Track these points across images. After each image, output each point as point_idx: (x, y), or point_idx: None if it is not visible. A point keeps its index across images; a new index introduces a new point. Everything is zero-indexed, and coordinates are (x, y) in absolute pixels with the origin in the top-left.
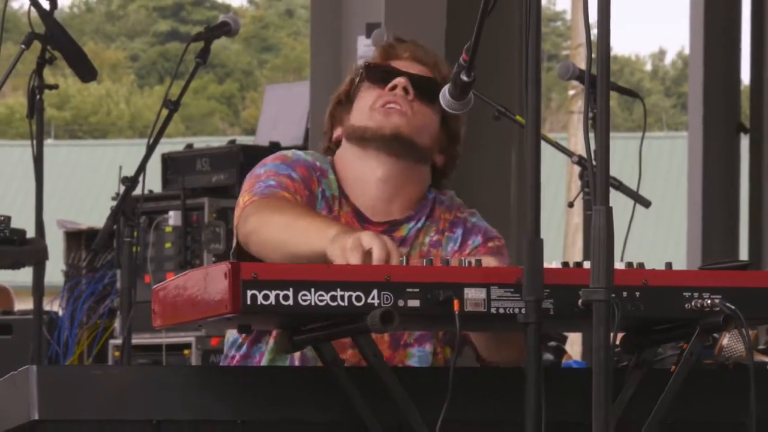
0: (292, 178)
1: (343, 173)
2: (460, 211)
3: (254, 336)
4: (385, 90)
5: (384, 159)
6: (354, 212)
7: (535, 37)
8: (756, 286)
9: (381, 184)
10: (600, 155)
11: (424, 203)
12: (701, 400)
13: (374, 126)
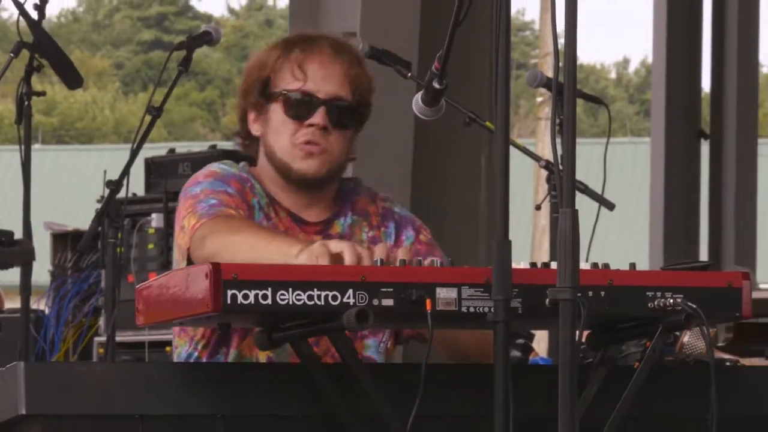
0: (229, 194)
1: (268, 185)
2: (383, 201)
3: (212, 347)
4: (304, 125)
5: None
6: (290, 216)
7: (504, 46)
8: (716, 286)
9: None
10: (566, 160)
11: (341, 196)
12: (663, 396)
13: (296, 168)
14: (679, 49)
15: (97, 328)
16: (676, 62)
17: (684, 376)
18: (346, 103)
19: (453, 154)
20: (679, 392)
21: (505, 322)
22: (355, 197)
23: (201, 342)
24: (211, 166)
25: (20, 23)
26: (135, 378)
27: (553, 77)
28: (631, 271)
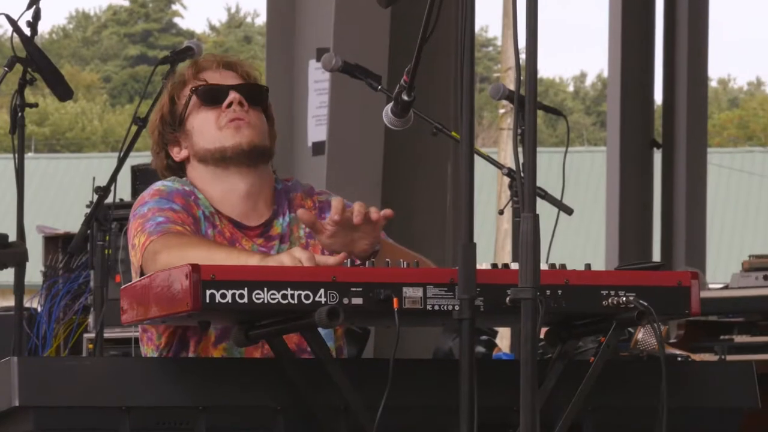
0: (175, 210)
1: (208, 192)
2: (318, 195)
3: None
4: (223, 108)
5: (244, 172)
6: (231, 222)
7: (468, 60)
8: (667, 285)
9: (245, 196)
10: (527, 167)
11: (277, 195)
12: (618, 389)
13: (231, 144)
14: (632, 64)
15: (86, 325)
16: (630, 76)
17: (637, 370)
18: (247, 84)
19: (421, 162)
20: (633, 385)
21: (470, 320)
22: (291, 194)
23: (164, 349)
24: (156, 185)
25: (14, 39)
26: (122, 372)
27: (514, 90)
28: (586, 271)
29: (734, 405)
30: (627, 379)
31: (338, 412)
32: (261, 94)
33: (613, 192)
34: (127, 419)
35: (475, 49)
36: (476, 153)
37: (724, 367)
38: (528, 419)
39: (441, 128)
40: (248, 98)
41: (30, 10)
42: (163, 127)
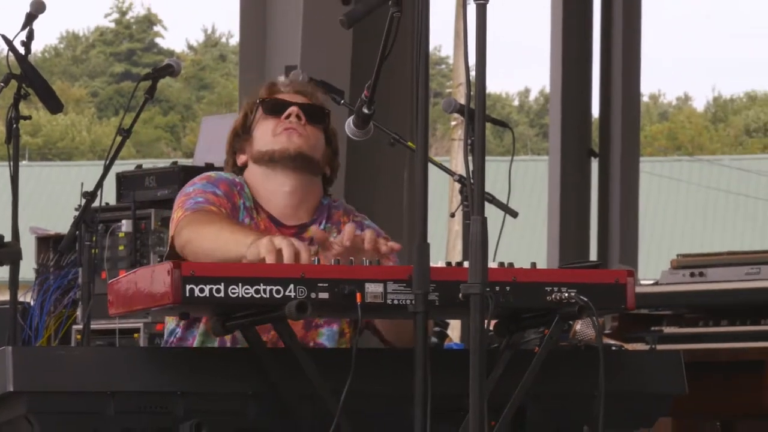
0: (216, 194)
1: (255, 189)
2: (355, 215)
3: (187, 323)
4: (282, 118)
5: (290, 174)
6: (270, 218)
7: (423, 77)
8: (604, 282)
9: (288, 195)
10: (476, 174)
11: (321, 208)
12: (559, 376)
13: (280, 148)
14: (572, 80)
15: (74, 318)
16: (569, 92)
17: (576, 359)
18: (311, 104)
19: (380, 169)
20: (573, 373)
21: (424, 313)
22: (333, 211)
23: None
24: (210, 172)
25: (9, 58)
26: (107, 360)
27: (465, 104)
28: (532, 269)
29: (664, 390)
30: (567, 368)
31: (306, 397)
32: (321, 114)
33: (554, 197)
34: (112, 403)
35: (429, 66)
36: (430, 161)
37: (654, 356)
38: (477, 404)
39: (398, 139)
40: (307, 114)
41: (24, 31)
42: (235, 137)
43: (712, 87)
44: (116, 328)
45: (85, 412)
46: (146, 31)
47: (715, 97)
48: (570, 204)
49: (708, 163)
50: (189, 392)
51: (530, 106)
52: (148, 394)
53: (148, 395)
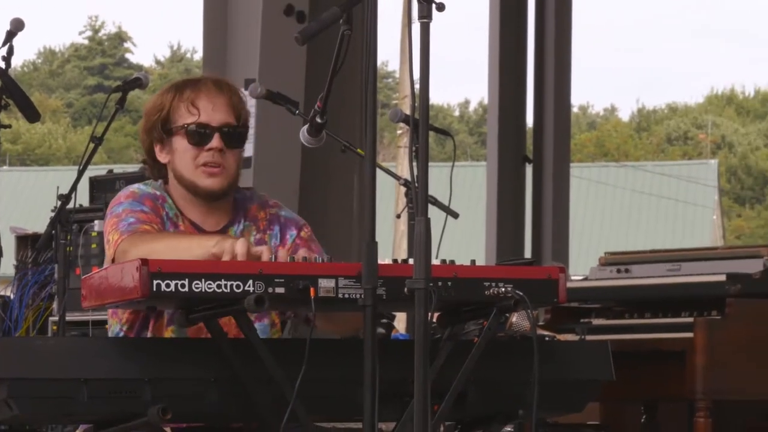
0: (144, 212)
1: (178, 200)
2: (271, 208)
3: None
4: (203, 149)
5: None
6: (192, 225)
7: (372, 89)
8: (537, 278)
9: (208, 211)
10: (420, 179)
11: (237, 206)
12: (496, 364)
13: (203, 186)
14: (508, 92)
15: (51, 310)
16: (505, 102)
17: (512, 348)
18: (234, 127)
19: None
20: (509, 361)
21: (373, 306)
22: (249, 205)
23: (126, 325)
24: (132, 187)
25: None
26: (80, 349)
27: (410, 114)
28: (471, 266)
29: (593, 377)
30: (504, 356)
31: (263, 383)
32: (242, 138)
33: (492, 200)
34: (85, 388)
35: (377, 80)
36: (378, 166)
37: (584, 346)
38: (421, 390)
39: (348, 146)
40: (228, 143)
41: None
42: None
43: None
44: (89, 320)
45: (60, 397)
46: (117, 47)
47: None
48: (506, 206)
49: (632, 168)
50: (156, 379)
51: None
52: (119, 381)
53: (118, 382)
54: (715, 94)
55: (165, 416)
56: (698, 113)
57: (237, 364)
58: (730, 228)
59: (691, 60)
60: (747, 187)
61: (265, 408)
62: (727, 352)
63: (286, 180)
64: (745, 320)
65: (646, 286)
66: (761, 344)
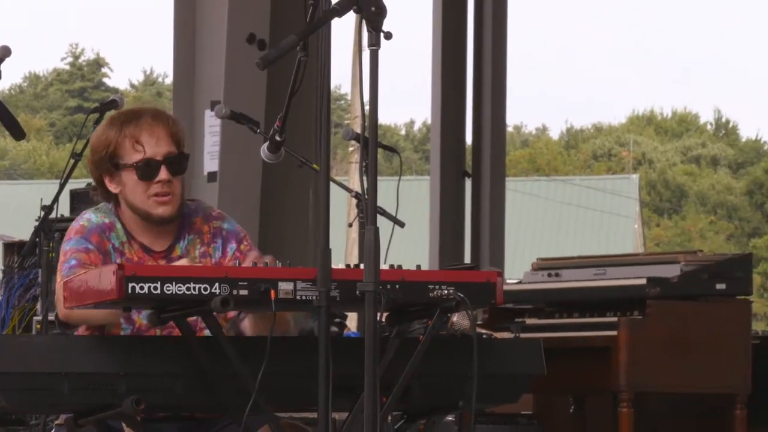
0: (88, 251)
1: (129, 225)
2: (215, 220)
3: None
4: (152, 183)
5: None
6: (142, 248)
7: (326, 110)
8: (477, 281)
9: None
10: (370, 191)
11: (182, 222)
12: (439, 360)
13: (155, 213)
14: (449, 113)
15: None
16: (447, 122)
17: (454, 345)
18: (176, 155)
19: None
20: (451, 357)
21: (327, 307)
22: (194, 218)
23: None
24: (83, 219)
25: None
26: (62, 346)
27: (361, 133)
28: (417, 270)
29: (526, 371)
30: (446, 353)
31: (228, 377)
32: (184, 162)
33: (435, 210)
34: (66, 381)
35: (331, 101)
36: (331, 180)
37: (518, 343)
38: (371, 383)
39: (305, 161)
40: (174, 172)
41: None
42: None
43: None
44: None
45: (43, 389)
46: (95, 72)
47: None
48: (448, 216)
49: (562, 182)
50: (130, 373)
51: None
52: (96, 375)
53: (96, 375)
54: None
55: (139, 407)
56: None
57: (204, 359)
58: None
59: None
60: (665, 200)
61: (230, 400)
62: (647, 349)
63: (249, 192)
64: (663, 320)
65: (574, 288)
66: (678, 342)
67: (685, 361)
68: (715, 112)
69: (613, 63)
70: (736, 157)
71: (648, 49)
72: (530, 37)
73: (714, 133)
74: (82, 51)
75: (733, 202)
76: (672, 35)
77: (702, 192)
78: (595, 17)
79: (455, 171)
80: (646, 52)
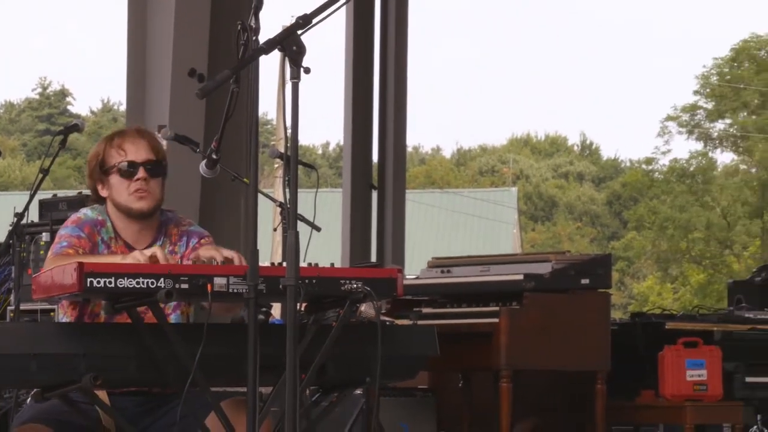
0: (80, 237)
1: (115, 223)
2: (183, 225)
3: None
4: (133, 180)
5: (141, 220)
6: (125, 245)
7: (254, 133)
8: (381, 277)
9: (138, 230)
10: (292, 201)
11: (160, 227)
12: (349, 343)
13: (135, 207)
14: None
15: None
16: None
17: (362, 331)
18: (154, 162)
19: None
20: (359, 340)
21: (255, 298)
22: (169, 225)
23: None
24: (80, 212)
25: None
26: (31, 331)
27: (284, 152)
28: (331, 267)
29: (422, 353)
30: (355, 337)
31: (171, 358)
32: (161, 168)
33: (346, 217)
34: (35, 361)
35: (259, 125)
36: (259, 192)
37: (416, 329)
38: (291, 362)
39: (237, 176)
40: (151, 173)
41: None
42: (94, 171)
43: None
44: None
45: (15, 368)
46: (61, 100)
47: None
48: (357, 222)
49: (453, 194)
50: (89, 354)
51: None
52: (60, 355)
53: (59, 356)
54: (515, 137)
55: (96, 382)
56: (502, 152)
57: (151, 342)
58: (527, 239)
59: (497, 111)
60: (539, 209)
61: (173, 377)
62: (524, 334)
63: (189, 202)
64: (538, 309)
65: (463, 283)
66: (550, 328)
67: (555, 344)
68: (581, 135)
69: (496, 92)
70: (598, 173)
71: (524, 80)
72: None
73: (580, 153)
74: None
75: (595, 211)
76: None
77: (570, 202)
78: (483, 54)
79: (363, 184)
80: (523, 83)
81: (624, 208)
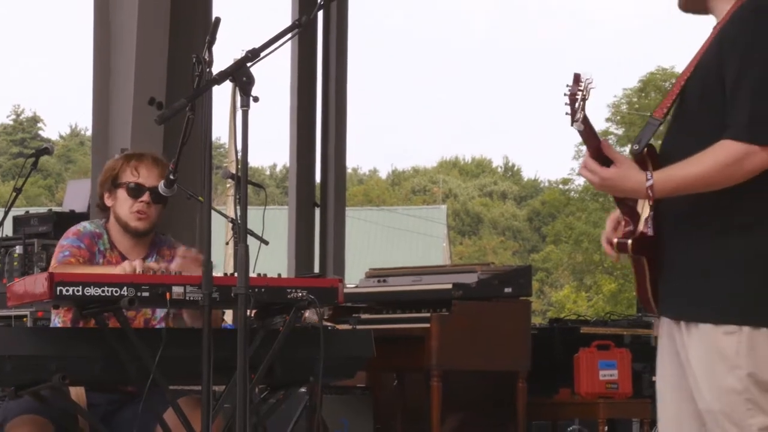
0: (80, 248)
1: (113, 235)
2: (175, 247)
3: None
4: (137, 200)
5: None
6: (120, 256)
7: (208, 155)
8: (324, 286)
9: (133, 245)
10: (242, 218)
11: (153, 245)
12: (295, 346)
13: (133, 225)
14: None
15: None
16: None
17: (306, 334)
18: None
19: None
20: (303, 343)
21: (209, 306)
22: (162, 245)
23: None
24: (80, 225)
25: None
26: (6, 335)
27: (235, 173)
28: (278, 278)
29: (361, 354)
30: (300, 340)
31: (134, 359)
32: (164, 197)
33: (292, 233)
34: (9, 363)
35: (212, 149)
36: (213, 209)
37: (355, 333)
38: (242, 363)
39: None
40: (154, 200)
41: None
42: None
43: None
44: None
45: None
46: (33, 126)
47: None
48: (302, 237)
49: (388, 211)
50: (58, 356)
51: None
52: (32, 357)
53: (31, 358)
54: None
55: (65, 381)
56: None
57: (116, 345)
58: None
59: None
60: (466, 224)
61: (136, 376)
62: (452, 338)
63: None
64: (465, 316)
65: (397, 291)
66: (476, 332)
67: (481, 347)
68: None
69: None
70: (520, 192)
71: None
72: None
73: (503, 174)
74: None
75: (517, 227)
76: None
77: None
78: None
79: (307, 202)
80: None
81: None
